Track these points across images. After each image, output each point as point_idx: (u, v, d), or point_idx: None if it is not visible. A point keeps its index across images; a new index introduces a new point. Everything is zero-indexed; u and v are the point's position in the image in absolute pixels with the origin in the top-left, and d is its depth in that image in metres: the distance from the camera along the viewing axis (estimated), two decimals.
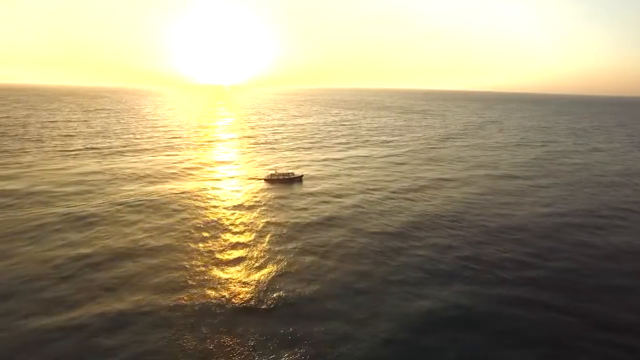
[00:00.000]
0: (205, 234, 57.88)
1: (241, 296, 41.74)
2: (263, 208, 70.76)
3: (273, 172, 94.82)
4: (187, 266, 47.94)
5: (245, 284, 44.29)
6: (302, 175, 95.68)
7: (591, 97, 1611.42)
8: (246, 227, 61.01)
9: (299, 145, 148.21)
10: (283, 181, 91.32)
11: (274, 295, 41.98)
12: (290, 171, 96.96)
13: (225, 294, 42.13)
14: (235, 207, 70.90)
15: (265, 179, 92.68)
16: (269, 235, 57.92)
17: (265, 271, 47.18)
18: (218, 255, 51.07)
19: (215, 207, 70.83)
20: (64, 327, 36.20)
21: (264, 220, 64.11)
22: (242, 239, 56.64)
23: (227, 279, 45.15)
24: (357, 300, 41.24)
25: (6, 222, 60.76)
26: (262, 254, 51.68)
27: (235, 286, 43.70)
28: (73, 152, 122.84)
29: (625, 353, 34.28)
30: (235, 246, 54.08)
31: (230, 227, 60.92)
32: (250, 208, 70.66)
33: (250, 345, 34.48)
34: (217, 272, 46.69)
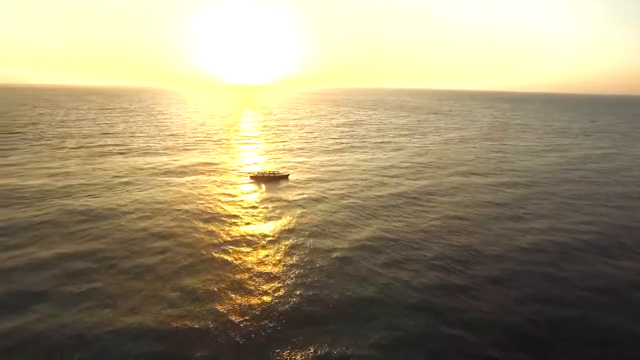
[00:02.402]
0: (146, 242, 54.72)
1: (131, 312, 38.44)
2: (214, 213, 67.44)
3: (260, 169, 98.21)
4: (98, 278, 45.07)
5: (144, 298, 40.94)
6: (288, 175, 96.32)
7: (628, 97, 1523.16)
8: (176, 234, 57.74)
9: (294, 146, 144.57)
10: (269, 179, 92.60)
11: (152, 312, 38.44)
12: (276, 169, 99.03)
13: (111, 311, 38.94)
14: (186, 211, 67.84)
15: (251, 177, 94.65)
16: (193, 244, 54.46)
17: (173, 287, 43.70)
18: (134, 265, 47.95)
19: (166, 211, 67.99)
20: None
21: (203, 227, 60.74)
22: (167, 244, 53.38)
23: (128, 292, 41.93)
24: (244, 335, 37.09)
25: None
26: (178, 266, 48.21)
27: (131, 300, 40.43)
28: (63, 151, 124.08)
29: None
30: (161, 252, 50.88)
31: (160, 234, 57.74)
32: (199, 214, 67.44)
33: None
34: (123, 285, 43.57)
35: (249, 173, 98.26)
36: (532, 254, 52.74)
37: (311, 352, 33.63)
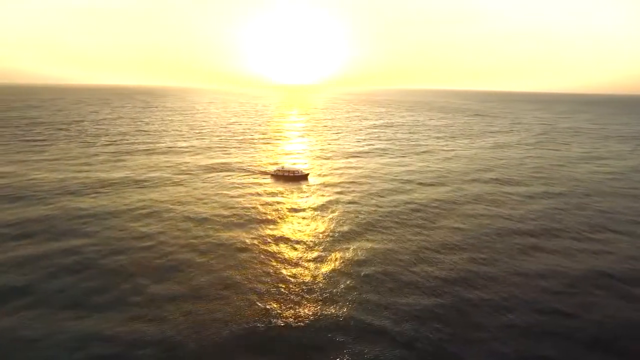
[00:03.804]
0: (130, 242, 54.89)
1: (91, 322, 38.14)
2: (208, 215, 66.75)
3: (280, 167, 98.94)
4: (71, 277, 45.58)
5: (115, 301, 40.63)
6: (307, 174, 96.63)
7: None
8: (162, 234, 57.42)
9: (321, 147, 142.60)
10: (288, 178, 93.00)
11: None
12: (297, 168, 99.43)
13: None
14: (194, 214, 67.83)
15: (271, 174, 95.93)
16: (173, 245, 53.76)
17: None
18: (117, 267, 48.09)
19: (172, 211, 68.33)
20: None
21: (191, 228, 60.09)
22: (151, 243, 53.18)
23: (94, 292, 41.84)
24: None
25: None
26: (151, 267, 47.64)
27: (96, 299, 40.21)
28: (94, 148, 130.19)
29: None
30: (141, 251, 50.76)
31: (147, 234, 57.65)
32: (193, 216, 67.00)
33: None
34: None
35: (268, 171, 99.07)
36: (532, 280, 46.35)
37: None
